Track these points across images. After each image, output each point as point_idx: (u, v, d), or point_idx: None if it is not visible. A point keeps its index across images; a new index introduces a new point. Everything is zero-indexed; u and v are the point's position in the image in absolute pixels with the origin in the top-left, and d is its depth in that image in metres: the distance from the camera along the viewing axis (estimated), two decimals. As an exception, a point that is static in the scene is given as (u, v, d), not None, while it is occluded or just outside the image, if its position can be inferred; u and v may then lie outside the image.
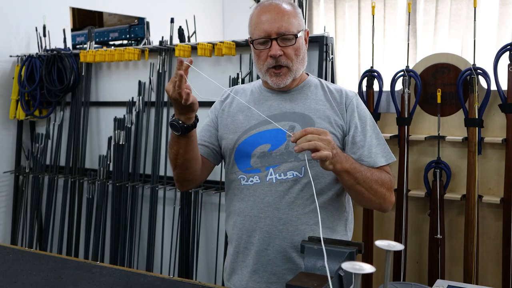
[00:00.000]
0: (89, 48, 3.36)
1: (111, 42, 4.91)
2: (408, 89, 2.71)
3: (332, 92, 1.59)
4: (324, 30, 2.77)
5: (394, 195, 1.55)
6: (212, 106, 1.71)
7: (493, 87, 2.54)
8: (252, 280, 1.55)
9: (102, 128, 3.41)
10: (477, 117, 2.55)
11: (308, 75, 1.65)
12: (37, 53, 3.47)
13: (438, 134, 2.67)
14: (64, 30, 3.59)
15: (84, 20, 5.25)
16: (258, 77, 1.63)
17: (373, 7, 2.84)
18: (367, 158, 1.52)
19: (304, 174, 1.49)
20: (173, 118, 1.44)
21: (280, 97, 1.59)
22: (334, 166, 1.36)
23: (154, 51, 3.11)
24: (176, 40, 3.17)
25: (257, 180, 1.52)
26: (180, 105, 1.38)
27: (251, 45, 1.54)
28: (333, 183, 1.54)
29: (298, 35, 1.50)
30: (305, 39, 1.56)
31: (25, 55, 3.51)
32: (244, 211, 1.54)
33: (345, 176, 1.42)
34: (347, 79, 5.05)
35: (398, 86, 2.75)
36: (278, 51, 1.47)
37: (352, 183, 1.43)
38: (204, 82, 3.05)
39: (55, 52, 3.38)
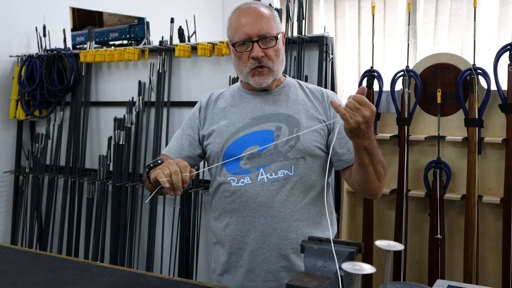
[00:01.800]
0: (89, 48, 3.36)
1: (111, 42, 4.91)
2: (408, 89, 2.71)
3: (312, 91, 1.63)
4: (324, 30, 2.76)
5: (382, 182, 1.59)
6: (191, 114, 1.72)
7: (493, 87, 2.54)
8: (248, 279, 1.57)
9: (102, 128, 3.41)
10: (477, 117, 2.55)
11: (285, 76, 1.68)
12: (37, 53, 3.47)
13: (438, 134, 2.67)
14: (64, 30, 3.59)
15: (84, 20, 5.25)
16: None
17: (373, 7, 2.84)
18: None
19: (294, 172, 1.53)
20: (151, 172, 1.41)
21: (262, 99, 1.61)
22: (363, 139, 1.37)
23: (154, 51, 3.11)
24: (176, 40, 3.17)
25: (248, 181, 1.54)
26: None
27: (232, 47, 1.56)
28: (319, 179, 1.57)
29: (278, 37, 1.53)
30: (283, 41, 1.60)
31: (25, 55, 3.51)
32: (237, 212, 1.56)
33: (364, 154, 1.43)
34: (347, 79, 5.05)
35: (398, 86, 2.75)
36: (260, 53, 1.50)
37: (367, 161, 1.45)
38: (204, 82, 3.06)
39: (55, 52, 3.38)
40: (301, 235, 1.52)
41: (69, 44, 3.75)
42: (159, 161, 1.43)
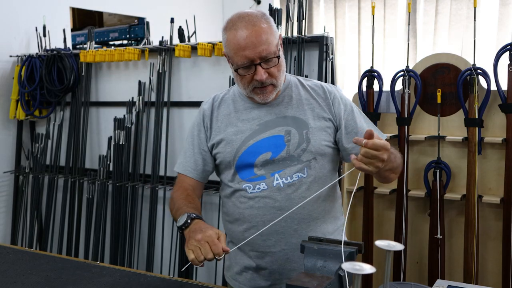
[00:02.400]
0: (89, 48, 3.36)
1: (111, 42, 4.91)
2: (408, 89, 2.71)
3: (314, 88, 1.63)
4: (324, 30, 2.77)
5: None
6: (195, 123, 1.68)
7: (493, 87, 2.53)
8: (272, 278, 1.61)
9: (102, 128, 3.41)
10: (477, 117, 2.54)
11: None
12: (37, 53, 3.47)
13: (438, 134, 2.67)
14: (64, 30, 3.59)
15: (84, 20, 5.25)
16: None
17: (373, 7, 2.84)
18: None
19: (307, 174, 1.56)
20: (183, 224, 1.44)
21: (266, 103, 1.60)
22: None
23: (154, 51, 3.11)
24: (176, 40, 3.17)
25: (264, 187, 1.55)
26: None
27: (234, 71, 1.52)
28: (330, 174, 1.61)
29: (280, 54, 1.50)
30: (281, 45, 1.56)
31: (25, 55, 3.51)
32: (257, 217, 1.57)
33: (385, 173, 1.49)
34: (347, 79, 5.06)
35: (398, 86, 2.75)
36: (263, 75, 1.48)
37: (387, 174, 1.51)
38: (204, 82, 3.06)
39: (55, 52, 3.38)
40: (320, 232, 1.56)
41: (69, 44, 3.75)
42: (189, 221, 1.42)
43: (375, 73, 2.79)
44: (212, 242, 1.32)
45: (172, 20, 3.18)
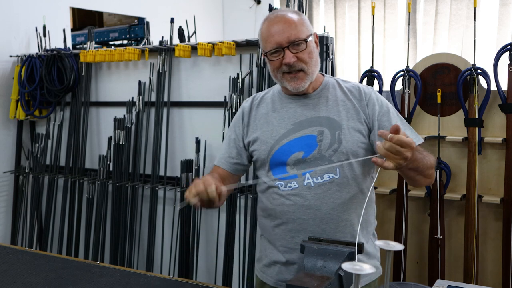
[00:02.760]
0: (89, 48, 3.36)
1: (111, 42, 4.91)
2: (408, 89, 2.71)
3: (351, 90, 1.65)
4: (324, 30, 2.76)
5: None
6: (235, 120, 1.75)
7: (493, 87, 2.54)
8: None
9: (102, 128, 3.41)
10: (477, 117, 2.55)
11: (323, 75, 1.70)
12: (37, 53, 3.47)
13: (438, 134, 2.67)
14: (64, 30, 3.59)
15: (84, 20, 5.25)
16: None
17: (373, 7, 2.84)
18: None
19: (339, 175, 1.57)
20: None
21: (302, 103, 1.63)
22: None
23: (154, 51, 3.11)
24: (176, 40, 3.17)
25: (295, 185, 1.58)
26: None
27: (266, 57, 1.59)
28: (363, 177, 1.61)
29: (308, 40, 1.55)
30: (316, 43, 1.62)
31: (25, 55, 3.51)
32: (287, 214, 1.60)
33: (409, 172, 1.49)
34: (347, 79, 5.05)
35: (398, 86, 2.75)
36: (291, 58, 1.53)
37: (413, 175, 1.51)
38: (204, 82, 3.06)
39: (55, 52, 3.38)
40: (348, 233, 1.58)
41: (69, 44, 3.75)
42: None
43: (375, 73, 2.80)
44: (207, 181, 1.43)
45: (172, 20, 3.18)
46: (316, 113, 1.61)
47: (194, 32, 3.22)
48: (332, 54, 2.63)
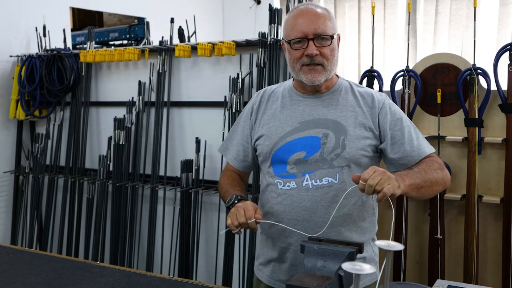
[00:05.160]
0: (89, 48, 3.36)
1: (111, 42, 4.91)
2: (408, 89, 2.71)
3: (363, 96, 1.64)
4: (324, 30, 2.76)
5: (447, 170, 1.60)
6: (244, 115, 1.75)
7: (493, 87, 2.53)
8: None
9: (102, 128, 3.41)
10: (477, 117, 2.54)
11: (338, 77, 1.69)
12: (37, 53, 3.47)
13: (438, 134, 2.67)
14: (64, 30, 3.59)
15: (84, 20, 5.26)
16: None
17: (373, 7, 2.84)
18: (411, 152, 1.59)
19: (338, 180, 1.56)
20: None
21: (312, 102, 1.63)
22: (400, 185, 1.40)
23: (154, 51, 3.11)
24: (176, 40, 3.17)
25: (293, 185, 1.59)
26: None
27: (287, 44, 1.58)
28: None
29: (333, 37, 1.56)
30: (338, 44, 1.62)
31: (25, 55, 3.51)
32: (282, 214, 1.61)
33: (410, 192, 1.47)
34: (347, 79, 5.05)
35: (398, 86, 2.75)
36: (314, 51, 1.53)
37: (415, 194, 1.49)
38: (204, 82, 3.06)
39: (55, 52, 3.38)
40: (342, 239, 1.56)
41: (69, 44, 3.75)
42: (236, 201, 1.57)
43: (375, 73, 2.79)
44: (247, 208, 1.47)
45: (172, 20, 3.18)
46: (324, 115, 1.60)
47: (194, 32, 3.22)
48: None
